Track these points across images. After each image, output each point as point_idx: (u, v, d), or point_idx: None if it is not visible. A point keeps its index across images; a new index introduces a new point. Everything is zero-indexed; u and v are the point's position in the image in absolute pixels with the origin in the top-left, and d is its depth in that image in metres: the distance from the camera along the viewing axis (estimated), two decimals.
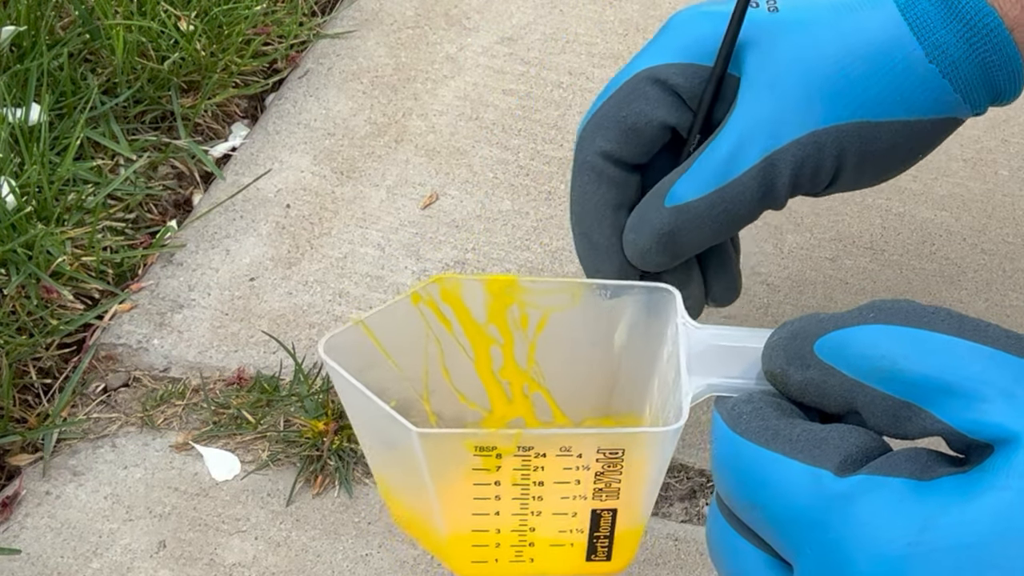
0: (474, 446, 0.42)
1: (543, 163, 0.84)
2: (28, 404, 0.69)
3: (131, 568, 0.62)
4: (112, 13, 0.88)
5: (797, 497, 0.35)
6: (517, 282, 0.48)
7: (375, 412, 0.42)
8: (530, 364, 0.50)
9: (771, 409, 0.37)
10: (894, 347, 0.35)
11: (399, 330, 0.47)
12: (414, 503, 0.45)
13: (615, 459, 0.42)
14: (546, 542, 0.45)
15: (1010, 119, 0.89)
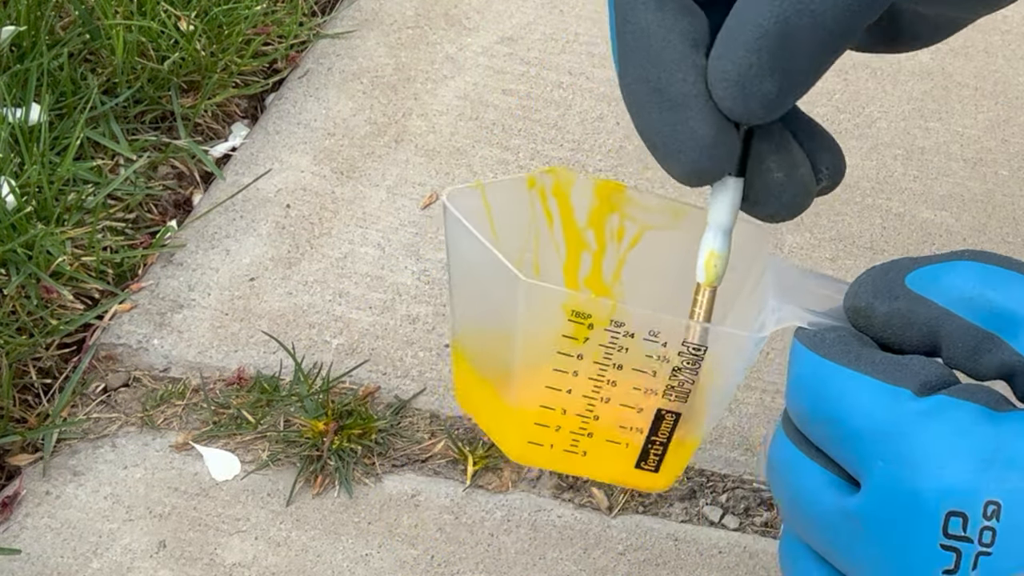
0: (571, 310, 0.42)
1: (543, 163, 0.84)
2: (28, 404, 0.69)
3: (131, 568, 0.62)
4: (112, 13, 0.88)
5: (876, 412, 0.36)
6: (625, 190, 0.48)
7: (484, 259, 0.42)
8: (615, 278, 0.50)
9: (853, 338, 0.38)
10: (984, 281, 0.37)
11: (509, 206, 0.47)
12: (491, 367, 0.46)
13: (696, 356, 0.43)
14: (604, 435, 0.45)
15: (1010, 119, 0.89)
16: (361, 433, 0.67)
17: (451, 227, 0.44)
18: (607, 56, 0.93)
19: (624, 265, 0.50)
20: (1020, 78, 0.93)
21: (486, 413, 0.47)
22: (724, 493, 0.66)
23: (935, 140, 0.87)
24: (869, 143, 0.87)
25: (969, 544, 0.34)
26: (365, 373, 0.71)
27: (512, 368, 0.44)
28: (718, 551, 0.64)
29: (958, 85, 0.92)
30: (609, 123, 0.87)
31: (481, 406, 0.47)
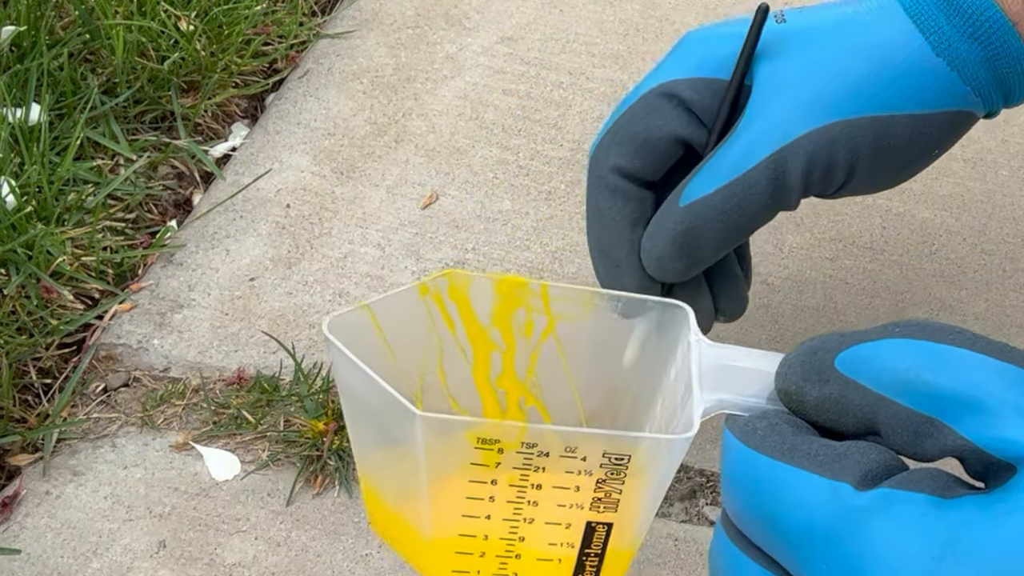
0: (476, 438, 0.40)
1: (543, 163, 0.84)
2: (28, 404, 0.69)
3: (131, 568, 0.62)
4: (112, 13, 0.88)
5: (814, 511, 0.34)
6: (528, 285, 0.46)
7: (376, 393, 0.40)
8: (529, 375, 0.49)
9: (786, 425, 0.36)
10: (920, 361, 0.35)
11: (402, 321, 0.46)
12: (400, 501, 0.44)
13: (619, 465, 0.41)
14: (534, 555, 0.43)
15: (1010, 119, 0.89)
16: None
17: (336, 360, 0.41)
18: (607, 56, 0.93)
19: (538, 360, 0.48)
20: None
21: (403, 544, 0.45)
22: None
23: None
24: None
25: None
26: None
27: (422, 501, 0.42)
28: None
29: None
30: None
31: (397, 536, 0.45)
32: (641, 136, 0.57)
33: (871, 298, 0.76)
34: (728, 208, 0.55)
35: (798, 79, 0.56)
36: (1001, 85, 0.57)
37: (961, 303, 0.76)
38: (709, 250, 0.57)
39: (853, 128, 0.55)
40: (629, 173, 0.57)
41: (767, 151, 0.55)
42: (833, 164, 0.55)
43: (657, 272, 0.58)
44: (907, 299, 0.76)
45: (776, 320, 0.74)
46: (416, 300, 0.46)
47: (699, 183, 0.56)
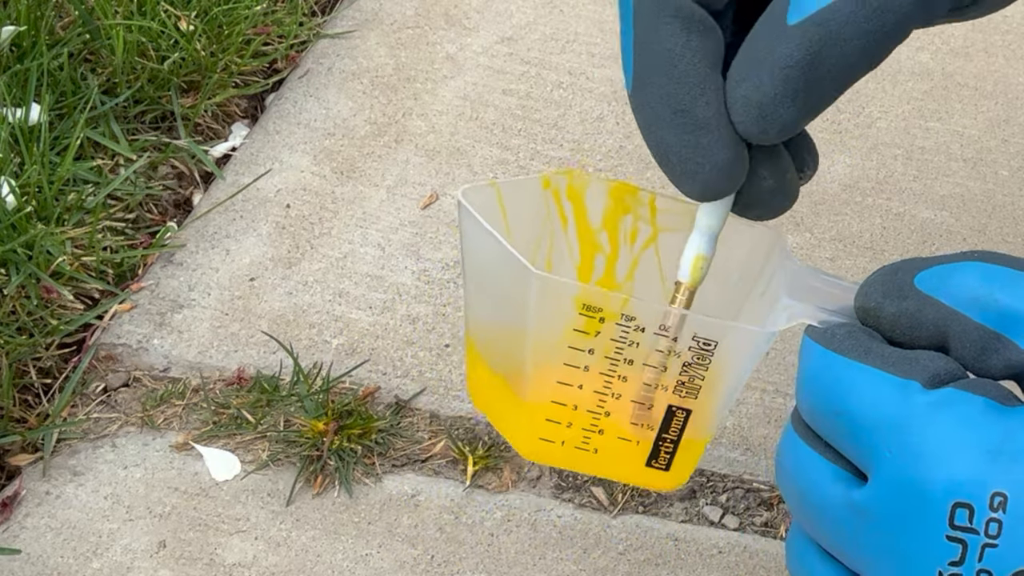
0: (582, 304, 0.42)
1: (543, 163, 0.84)
2: (28, 404, 0.69)
3: (131, 568, 0.62)
4: (112, 13, 0.88)
5: (885, 403, 0.36)
6: (638, 193, 0.48)
7: (497, 253, 0.42)
8: (628, 279, 0.50)
9: (862, 334, 0.39)
10: (993, 282, 0.37)
11: (522, 207, 0.47)
12: (504, 364, 0.45)
13: (706, 351, 0.43)
14: (615, 432, 0.45)
15: (1010, 119, 0.89)
16: (361, 433, 0.67)
17: (465, 223, 0.44)
18: (607, 56, 0.93)
19: (637, 267, 0.50)
20: (1020, 78, 0.93)
21: (498, 410, 0.47)
22: (724, 493, 0.66)
23: (935, 140, 0.87)
24: (869, 143, 0.87)
25: (975, 536, 0.34)
26: (365, 373, 0.71)
27: (524, 363, 0.44)
28: (718, 551, 0.64)
29: (958, 85, 0.92)
30: (609, 123, 0.87)
31: (493, 402, 0.47)
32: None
33: None
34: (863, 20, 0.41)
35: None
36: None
37: None
38: (833, 88, 0.42)
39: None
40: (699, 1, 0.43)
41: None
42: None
43: (757, 127, 0.42)
44: None
45: None
46: (538, 191, 0.47)
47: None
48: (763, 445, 0.69)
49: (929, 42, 0.96)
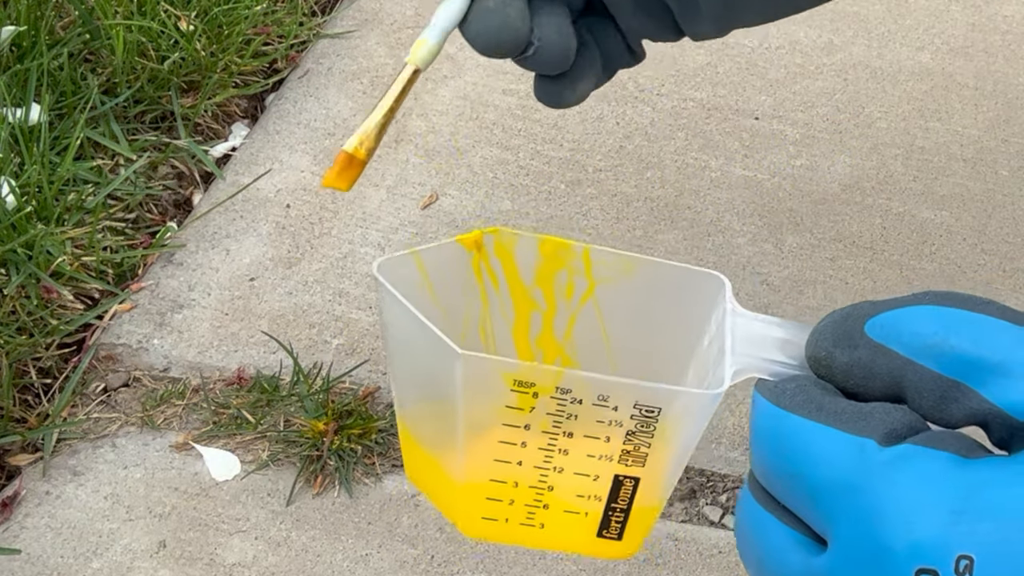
0: (513, 379, 0.41)
1: (543, 163, 0.84)
2: (28, 404, 0.69)
3: (131, 568, 0.62)
4: (112, 13, 0.88)
5: (839, 464, 0.35)
6: (571, 247, 0.47)
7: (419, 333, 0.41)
8: (567, 337, 0.49)
9: (814, 387, 0.37)
10: (947, 326, 0.36)
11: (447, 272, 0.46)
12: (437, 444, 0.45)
13: (650, 418, 0.42)
14: (561, 506, 0.44)
15: (1010, 119, 0.89)
16: (361, 433, 0.67)
17: (384, 299, 0.42)
18: None
19: (576, 322, 0.49)
20: (1020, 78, 0.93)
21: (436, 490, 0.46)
22: (724, 493, 0.66)
23: (935, 140, 0.87)
24: (869, 143, 0.87)
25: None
26: (365, 373, 0.71)
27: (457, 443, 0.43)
28: (718, 551, 0.64)
29: (958, 85, 0.92)
30: (609, 123, 0.87)
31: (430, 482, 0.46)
32: None
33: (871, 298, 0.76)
34: None
35: None
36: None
37: None
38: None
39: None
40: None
41: None
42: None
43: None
44: None
45: None
46: (462, 253, 0.46)
47: None
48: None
49: (929, 42, 0.96)
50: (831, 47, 0.95)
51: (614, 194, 0.82)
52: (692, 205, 0.81)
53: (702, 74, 0.92)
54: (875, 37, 0.96)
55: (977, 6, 0.99)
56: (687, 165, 0.84)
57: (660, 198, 0.82)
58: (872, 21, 0.98)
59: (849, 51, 0.95)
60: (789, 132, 0.87)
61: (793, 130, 0.88)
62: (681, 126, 0.87)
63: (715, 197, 0.82)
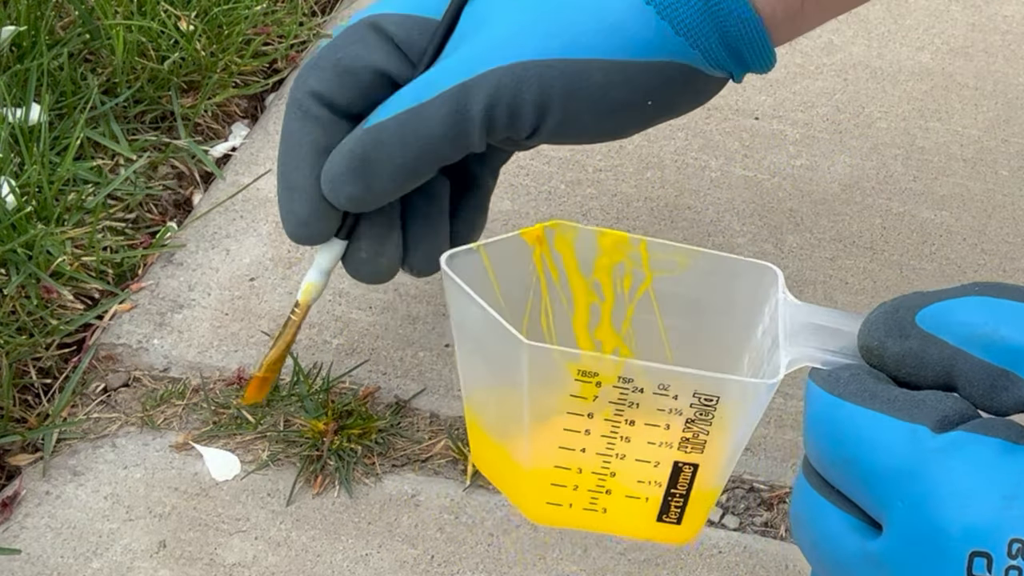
0: (576, 369, 0.42)
1: (543, 163, 0.84)
2: (28, 404, 0.69)
3: (131, 568, 0.62)
4: (112, 13, 0.88)
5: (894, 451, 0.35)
6: (628, 239, 0.48)
7: (486, 323, 0.42)
8: (625, 327, 0.50)
9: (867, 376, 0.38)
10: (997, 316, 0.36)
11: (511, 265, 0.47)
12: (503, 432, 0.46)
13: (708, 407, 0.42)
14: (623, 491, 0.45)
15: (1011, 119, 0.89)
16: (361, 433, 0.67)
17: (451, 291, 0.44)
18: None
19: (634, 313, 0.50)
20: (1020, 78, 0.93)
21: (502, 476, 0.47)
22: (724, 493, 0.66)
23: (935, 140, 0.87)
24: (869, 143, 0.87)
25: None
26: (365, 373, 0.71)
27: (523, 430, 0.44)
28: (718, 551, 0.64)
29: (958, 85, 0.92)
30: None
31: (497, 469, 0.47)
32: (342, 64, 0.57)
33: (871, 298, 0.76)
34: (405, 133, 0.55)
35: (497, 16, 0.56)
36: (727, 43, 0.56)
37: None
38: (386, 177, 0.57)
39: (543, 69, 0.54)
40: (325, 99, 0.57)
41: (451, 82, 0.55)
42: (519, 104, 0.55)
43: (332, 195, 0.57)
44: None
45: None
46: (525, 247, 0.48)
47: (383, 109, 0.56)
48: (763, 445, 0.69)
49: (929, 42, 0.96)
50: (831, 47, 0.95)
51: (614, 194, 0.82)
52: (692, 205, 0.81)
53: None
54: (875, 37, 0.96)
55: (977, 6, 0.99)
56: (687, 165, 0.84)
57: (660, 198, 0.82)
58: (872, 21, 0.98)
59: (849, 51, 0.95)
60: (789, 132, 0.87)
61: (793, 130, 0.88)
62: (681, 126, 0.87)
63: (715, 197, 0.82)
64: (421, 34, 0.57)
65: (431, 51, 0.57)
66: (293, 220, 0.60)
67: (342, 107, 0.58)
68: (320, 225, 0.60)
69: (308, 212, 0.59)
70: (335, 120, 0.58)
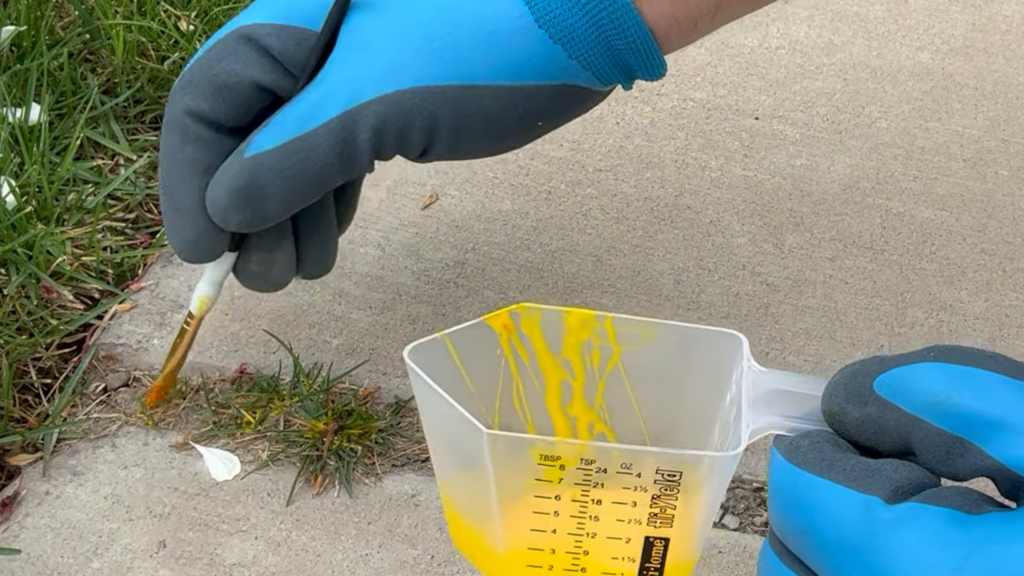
0: (539, 455, 0.43)
1: (543, 163, 0.84)
2: (28, 404, 0.69)
3: (131, 568, 0.62)
4: (112, 13, 0.88)
5: (847, 522, 0.36)
6: (594, 317, 0.49)
7: (449, 415, 0.43)
8: (598, 402, 0.51)
9: (828, 444, 0.38)
10: (951, 383, 0.36)
11: (477, 350, 0.49)
12: (477, 519, 0.47)
13: (672, 482, 0.43)
14: (598, 568, 0.46)
15: (1010, 119, 0.89)
16: (361, 433, 0.67)
17: (416, 384, 0.45)
18: None
19: (605, 387, 0.51)
20: (1020, 78, 0.93)
21: (480, 559, 0.48)
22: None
23: (935, 140, 0.87)
24: (869, 143, 0.87)
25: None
26: (365, 373, 0.71)
27: (493, 515, 0.45)
28: (718, 551, 0.64)
29: (958, 85, 0.92)
30: (609, 123, 0.87)
31: (474, 552, 0.48)
32: (218, 80, 0.55)
33: (871, 298, 0.76)
34: (289, 166, 0.54)
35: (382, 38, 0.54)
36: (618, 61, 0.55)
37: (961, 303, 0.76)
38: (274, 206, 0.56)
39: (432, 95, 0.53)
40: (205, 117, 0.55)
41: (335, 111, 0.54)
42: (408, 131, 0.54)
43: (221, 222, 0.57)
44: (907, 299, 0.76)
45: (776, 320, 0.74)
46: (489, 331, 0.49)
47: (265, 136, 0.55)
48: (763, 445, 0.68)
49: (929, 42, 0.96)
50: (831, 47, 0.95)
51: (614, 194, 0.82)
52: (692, 205, 0.81)
53: (702, 74, 0.92)
54: (875, 37, 0.96)
55: (977, 6, 0.99)
56: (687, 165, 0.84)
57: (660, 198, 0.82)
58: (872, 21, 0.98)
59: (849, 51, 0.95)
60: (789, 132, 0.87)
61: (793, 130, 0.88)
62: (681, 126, 0.87)
63: (715, 197, 0.82)
64: (298, 45, 0.55)
65: (311, 65, 0.55)
66: (181, 242, 0.59)
67: (223, 124, 0.56)
68: (209, 245, 0.59)
69: (196, 234, 0.58)
70: (217, 137, 0.56)
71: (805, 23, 0.97)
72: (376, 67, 0.54)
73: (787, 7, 0.98)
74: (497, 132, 0.56)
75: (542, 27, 0.53)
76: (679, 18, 0.55)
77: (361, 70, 0.54)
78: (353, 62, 0.54)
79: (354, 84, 0.54)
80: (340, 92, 0.54)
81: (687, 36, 0.56)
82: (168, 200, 0.58)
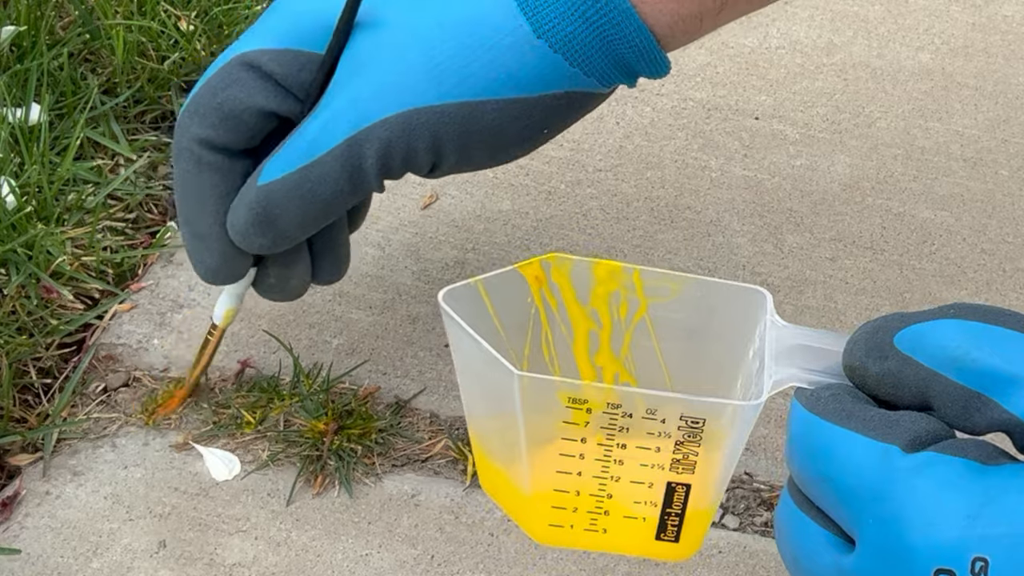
0: (567, 397, 0.44)
1: (543, 163, 0.84)
2: (28, 404, 0.69)
3: (131, 568, 0.62)
4: (112, 13, 0.88)
5: (865, 469, 0.37)
6: (622, 269, 0.50)
7: (481, 358, 0.44)
8: (624, 352, 0.52)
9: (847, 395, 0.39)
10: (969, 339, 0.37)
11: (508, 297, 0.49)
12: (505, 458, 0.48)
13: (695, 429, 0.44)
14: (620, 512, 0.47)
15: (1010, 119, 0.89)
16: (361, 433, 0.67)
17: (449, 325, 0.46)
18: None
19: (632, 339, 0.51)
20: (1020, 78, 0.93)
21: (507, 499, 0.49)
22: (724, 493, 0.66)
23: (935, 140, 0.87)
24: (869, 143, 0.87)
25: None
26: (365, 373, 0.71)
27: (521, 456, 0.46)
28: (718, 551, 0.64)
29: (958, 85, 0.92)
30: (609, 123, 0.87)
31: (502, 493, 0.49)
32: (224, 109, 0.55)
33: (871, 298, 0.76)
34: (303, 192, 0.55)
35: (382, 57, 0.54)
36: (620, 64, 0.55)
37: None
38: (292, 229, 0.57)
39: (435, 115, 0.53)
40: (216, 144, 0.56)
41: (340, 137, 0.54)
42: (413, 151, 0.54)
43: (244, 246, 0.58)
44: (907, 299, 0.76)
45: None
46: (521, 279, 0.49)
47: (276, 164, 0.55)
48: (763, 445, 0.69)
49: (929, 42, 0.96)
50: (831, 47, 0.95)
51: (614, 194, 0.82)
52: (692, 205, 0.81)
53: (702, 74, 0.92)
54: (875, 37, 0.96)
55: (977, 6, 0.99)
56: (687, 165, 0.84)
57: (660, 198, 0.82)
58: (872, 21, 0.98)
59: (849, 51, 0.95)
60: (789, 132, 0.88)
61: (793, 130, 0.88)
62: (681, 126, 0.87)
63: (715, 197, 0.82)
64: (301, 69, 0.55)
65: (315, 89, 0.55)
66: (205, 269, 0.60)
67: (235, 149, 0.57)
68: (232, 269, 0.60)
69: (219, 260, 0.59)
70: (231, 162, 0.57)
71: (805, 23, 0.97)
72: (378, 88, 0.54)
73: (787, 7, 0.98)
74: (503, 144, 0.56)
75: (541, 37, 0.53)
76: (684, 15, 0.55)
77: (364, 92, 0.54)
78: (356, 84, 0.54)
79: (357, 107, 0.54)
80: (344, 116, 0.54)
81: (692, 33, 0.56)
82: (188, 228, 0.59)
